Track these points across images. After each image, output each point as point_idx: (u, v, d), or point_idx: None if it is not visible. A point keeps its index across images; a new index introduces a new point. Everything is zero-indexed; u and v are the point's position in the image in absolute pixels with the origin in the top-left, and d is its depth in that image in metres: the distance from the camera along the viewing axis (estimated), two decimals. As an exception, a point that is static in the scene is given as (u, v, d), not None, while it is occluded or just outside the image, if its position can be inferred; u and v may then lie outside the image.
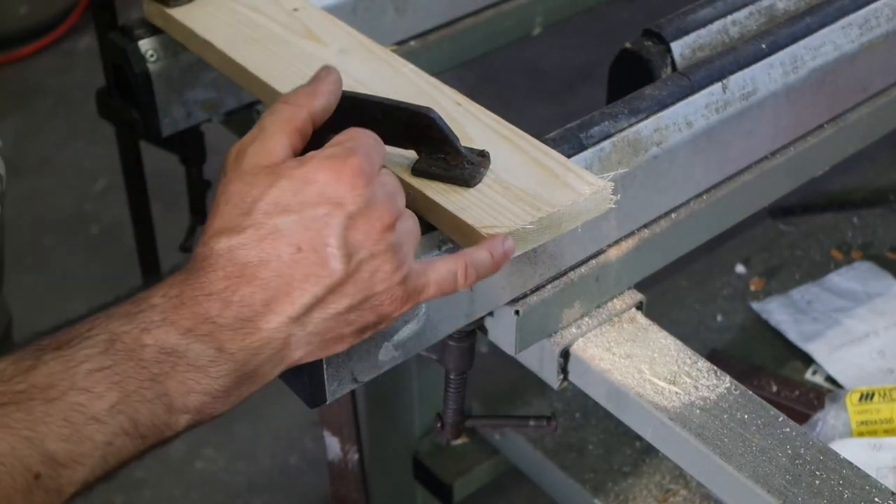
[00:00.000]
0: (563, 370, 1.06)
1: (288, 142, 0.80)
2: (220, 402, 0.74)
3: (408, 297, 0.79)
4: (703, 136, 1.08)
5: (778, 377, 1.53)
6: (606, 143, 1.01)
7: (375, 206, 0.77)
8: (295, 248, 0.75)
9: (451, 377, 1.15)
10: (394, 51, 1.11)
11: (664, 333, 1.06)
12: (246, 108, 1.27)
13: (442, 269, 0.82)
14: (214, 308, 0.73)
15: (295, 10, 1.13)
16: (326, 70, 0.87)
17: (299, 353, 0.77)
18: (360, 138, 0.80)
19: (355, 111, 0.88)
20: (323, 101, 0.84)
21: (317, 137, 0.89)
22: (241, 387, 0.75)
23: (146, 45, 1.17)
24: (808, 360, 1.55)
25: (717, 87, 1.08)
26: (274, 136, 0.80)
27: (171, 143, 1.28)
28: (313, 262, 0.75)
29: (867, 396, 1.32)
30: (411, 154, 0.90)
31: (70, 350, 0.71)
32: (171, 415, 0.72)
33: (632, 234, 1.09)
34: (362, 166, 0.77)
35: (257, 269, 0.74)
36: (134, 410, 0.70)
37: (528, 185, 0.90)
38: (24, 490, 0.66)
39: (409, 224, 0.81)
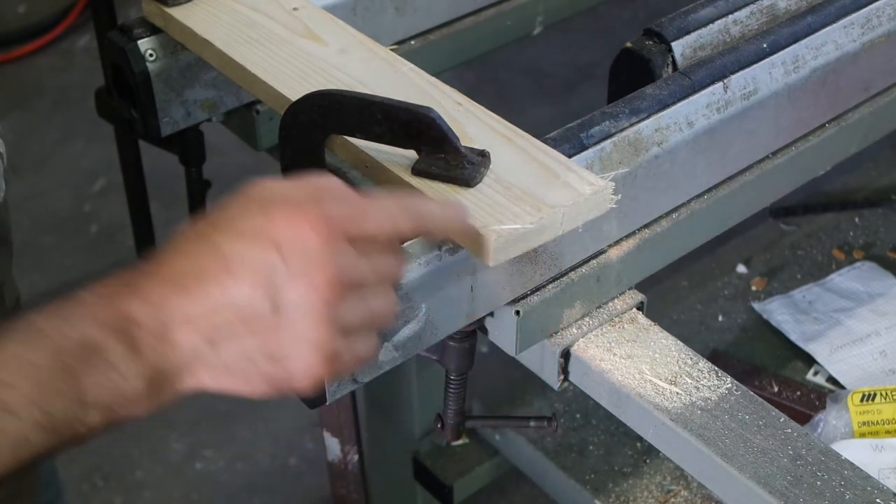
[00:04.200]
0: (564, 370, 1.05)
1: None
2: (133, 405, 0.74)
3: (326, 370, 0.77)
4: (704, 136, 1.08)
5: (779, 377, 1.52)
6: (607, 143, 1.01)
7: (319, 267, 0.74)
8: (226, 273, 0.74)
9: (452, 378, 1.14)
10: (394, 50, 1.10)
11: (665, 334, 1.05)
12: (246, 107, 1.27)
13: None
14: (138, 310, 0.73)
15: (295, 9, 1.13)
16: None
17: (206, 378, 0.76)
18: (330, 189, 0.77)
19: (355, 111, 0.88)
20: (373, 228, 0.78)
21: (316, 136, 0.89)
22: (154, 393, 0.75)
23: (145, 44, 1.17)
24: (809, 361, 1.55)
25: (718, 86, 1.08)
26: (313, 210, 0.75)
27: (170, 142, 1.28)
28: (236, 290, 0.74)
29: (869, 397, 1.32)
30: (411, 154, 0.90)
31: None
32: (82, 408, 0.72)
33: (633, 234, 1.09)
34: (320, 220, 0.74)
35: (190, 282, 0.74)
36: (48, 402, 0.70)
37: (528, 184, 0.89)
38: None
39: (368, 306, 0.77)
